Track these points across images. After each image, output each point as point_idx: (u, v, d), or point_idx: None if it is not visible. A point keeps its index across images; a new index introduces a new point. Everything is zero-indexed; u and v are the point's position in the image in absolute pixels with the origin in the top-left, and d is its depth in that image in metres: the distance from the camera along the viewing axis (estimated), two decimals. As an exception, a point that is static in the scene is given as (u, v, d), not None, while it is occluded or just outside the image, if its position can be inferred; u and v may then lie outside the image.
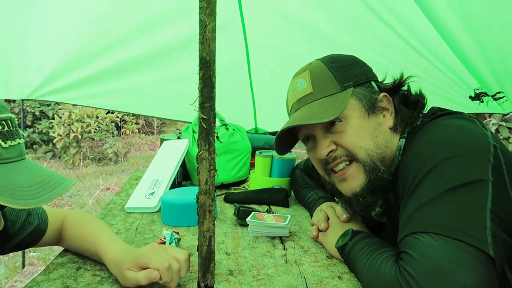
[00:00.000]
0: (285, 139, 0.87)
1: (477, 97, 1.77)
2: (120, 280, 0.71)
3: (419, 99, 0.81)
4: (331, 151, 0.78)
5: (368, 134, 0.76)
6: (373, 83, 0.81)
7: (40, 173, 0.61)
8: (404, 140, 0.79)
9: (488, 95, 1.74)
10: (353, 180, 0.78)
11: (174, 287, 0.68)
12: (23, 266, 2.60)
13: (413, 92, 0.83)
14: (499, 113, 1.99)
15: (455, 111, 0.75)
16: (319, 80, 0.79)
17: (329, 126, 0.79)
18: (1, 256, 2.85)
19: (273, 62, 2.31)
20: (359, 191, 0.77)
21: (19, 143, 0.60)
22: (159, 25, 1.92)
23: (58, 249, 0.87)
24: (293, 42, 2.07)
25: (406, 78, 0.82)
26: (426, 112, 0.80)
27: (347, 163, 0.78)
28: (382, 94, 0.80)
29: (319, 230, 0.96)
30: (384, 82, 0.84)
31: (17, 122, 0.62)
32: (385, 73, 0.85)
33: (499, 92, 1.70)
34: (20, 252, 2.64)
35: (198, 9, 0.55)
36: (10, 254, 2.86)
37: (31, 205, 0.55)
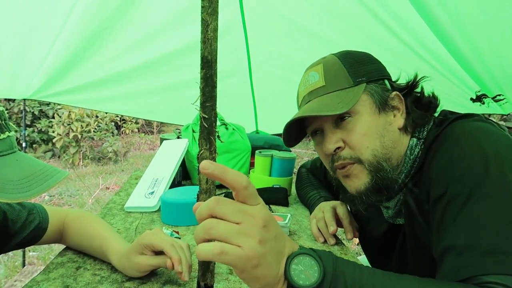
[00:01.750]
0: (294, 131, 0.84)
1: (478, 99, 1.78)
2: (127, 270, 0.72)
3: (432, 101, 0.79)
4: (338, 148, 0.76)
5: (377, 133, 0.75)
6: (386, 81, 0.79)
7: (31, 166, 0.60)
8: (415, 140, 0.77)
9: (488, 97, 1.75)
10: (357, 179, 0.76)
11: (185, 272, 0.68)
12: (23, 266, 2.60)
13: (426, 93, 0.81)
14: (499, 114, 1.99)
15: (469, 113, 0.74)
16: (332, 74, 0.77)
17: (339, 121, 0.77)
18: (0, 255, 2.85)
19: (274, 66, 2.32)
20: (363, 190, 0.75)
21: (8, 136, 0.59)
22: (159, 34, 1.95)
23: (58, 248, 0.88)
24: (294, 46, 2.08)
25: (420, 79, 0.80)
26: (437, 114, 0.79)
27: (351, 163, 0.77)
28: (394, 93, 0.78)
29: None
30: (397, 83, 0.83)
31: (7, 115, 0.62)
32: (399, 74, 0.84)
33: (499, 95, 1.71)
34: (20, 252, 2.63)
35: (195, 20, 0.55)
36: (10, 253, 2.86)
37: (22, 198, 0.55)
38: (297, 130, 0.85)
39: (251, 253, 0.45)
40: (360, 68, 0.77)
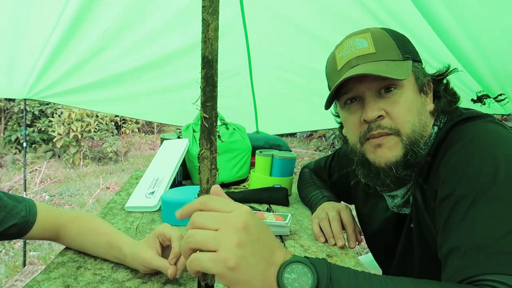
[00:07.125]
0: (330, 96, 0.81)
1: (479, 99, 1.78)
2: (135, 263, 0.73)
3: (455, 92, 0.83)
4: (379, 116, 0.75)
5: (417, 110, 0.76)
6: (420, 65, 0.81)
7: None
8: (437, 128, 0.79)
9: (490, 97, 1.75)
10: (389, 150, 0.75)
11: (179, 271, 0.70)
12: (24, 265, 2.60)
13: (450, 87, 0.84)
14: (500, 114, 1.99)
15: (483, 113, 0.75)
16: (382, 44, 0.76)
17: (382, 91, 0.76)
18: (1, 255, 2.85)
19: (275, 67, 2.32)
20: (394, 162, 0.75)
21: None
22: (158, 36, 1.96)
23: (59, 248, 0.88)
24: (294, 47, 2.08)
25: (452, 71, 0.83)
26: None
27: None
28: (427, 78, 0.80)
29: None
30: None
31: None
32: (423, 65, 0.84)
33: (501, 94, 1.71)
34: (20, 251, 2.64)
35: (196, 20, 0.55)
36: (10, 253, 2.86)
37: None
38: (333, 93, 0.81)
39: (227, 255, 0.45)
40: (405, 46, 0.78)
